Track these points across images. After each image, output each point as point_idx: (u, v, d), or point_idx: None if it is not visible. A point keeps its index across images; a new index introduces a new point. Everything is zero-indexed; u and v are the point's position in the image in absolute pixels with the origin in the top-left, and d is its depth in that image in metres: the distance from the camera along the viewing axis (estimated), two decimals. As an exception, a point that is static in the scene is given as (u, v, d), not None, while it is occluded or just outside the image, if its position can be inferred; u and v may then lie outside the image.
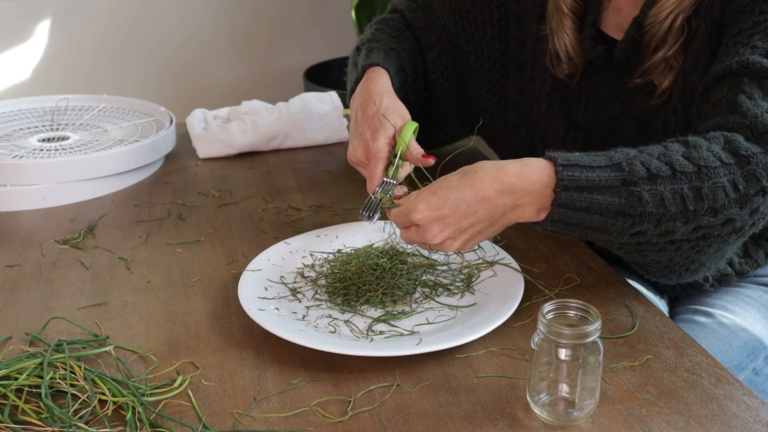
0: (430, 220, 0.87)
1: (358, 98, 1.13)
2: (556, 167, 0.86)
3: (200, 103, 2.24)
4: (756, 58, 0.94)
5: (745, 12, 0.99)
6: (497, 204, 0.87)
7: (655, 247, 0.91)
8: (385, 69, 1.16)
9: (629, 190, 0.86)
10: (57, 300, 1.01)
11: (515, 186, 0.86)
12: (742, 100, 0.92)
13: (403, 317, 0.94)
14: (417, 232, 0.90)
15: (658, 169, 0.86)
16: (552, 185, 0.86)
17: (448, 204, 0.87)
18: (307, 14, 3.03)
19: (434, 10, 1.26)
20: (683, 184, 0.86)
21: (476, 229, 0.89)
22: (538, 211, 0.88)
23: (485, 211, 0.87)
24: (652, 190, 0.85)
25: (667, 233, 0.88)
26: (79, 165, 1.29)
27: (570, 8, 1.12)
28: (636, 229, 0.88)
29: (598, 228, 0.88)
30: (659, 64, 1.06)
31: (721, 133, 0.90)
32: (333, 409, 0.80)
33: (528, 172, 0.87)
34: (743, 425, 0.77)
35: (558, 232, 0.90)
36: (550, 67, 1.17)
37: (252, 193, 1.31)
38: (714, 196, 0.86)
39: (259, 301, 0.95)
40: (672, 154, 0.88)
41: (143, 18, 2.87)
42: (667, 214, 0.86)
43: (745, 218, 0.89)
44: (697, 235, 0.89)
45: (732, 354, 1.09)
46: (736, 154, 0.87)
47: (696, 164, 0.86)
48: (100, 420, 0.78)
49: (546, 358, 0.76)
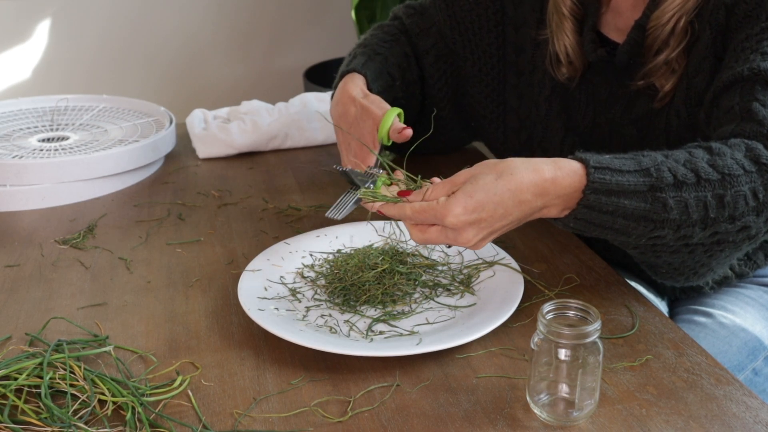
0: (466, 224, 0.84)
1: (336, 108, 1.14)
2: (587, 169, 0.85)
3: (200, 103, 2.24)
4: (767, 65, 0.94)
5: (752, 17, 0.99)
6: (532, 206, 0.86)
7: (669, 249, 0.91)
8: (362, 74, 1.16)
9: (655, 196, 0.85)
10: (57, 300, 1.01)
11: (549, 190, 0.85)
12: (756, 108, 0.92)
13: (403, 317, 0.94)
14: (442, 233, 0.87)
15: (684, 176, 0.85)
16: (582, 188, 0.85)
17: (486, 208, 0.84)
18: (307, 14, 3.03)
19: (431, 16, 1.27)
20: (707, 192, 0.85)
21: (506, 228, 0.88)
22: (562, 210, 0.88)
23: (519, 213, 0.86)
24: (677, 197, 0.85)
25: (684, 237, 0.88)
26: (79, 165, 1.29)
27: (570, 11, 1.12)
28: (656, 234, 0.87)
29: (618, 230, 0.87)
30: (661, 67, 1.06)
31: (741, 141, 0.89)
32: (333, 409, 0.80)
33: (561, 176, 0.85)
34: (743, 425, 0.77)
35: (578, 230, 0.89)
36: (550, 69, 1.17)
37: (252, 193, 1.31)
38: (735, 204, 0.86)
39: (259, 301, 0.95)
40: (697, 161, 0.87)
41: (143, 18, 2.87)
42: (689, 220, 0.86)
43: (761, 226, 0.89)
44: (713, 240, 0.89)
45: (732, 354, 1.09)
46: (757, 162, 0.87)
47: (720, 172, 0.86)
48: (99, 420, 0.78)
49: (546, 358, 0.76)
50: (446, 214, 0.83)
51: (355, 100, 1.10)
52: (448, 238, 0.86)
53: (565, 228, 0.90)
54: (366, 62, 1.18)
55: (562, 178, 0.85)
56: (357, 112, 1.10)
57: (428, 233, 0.87)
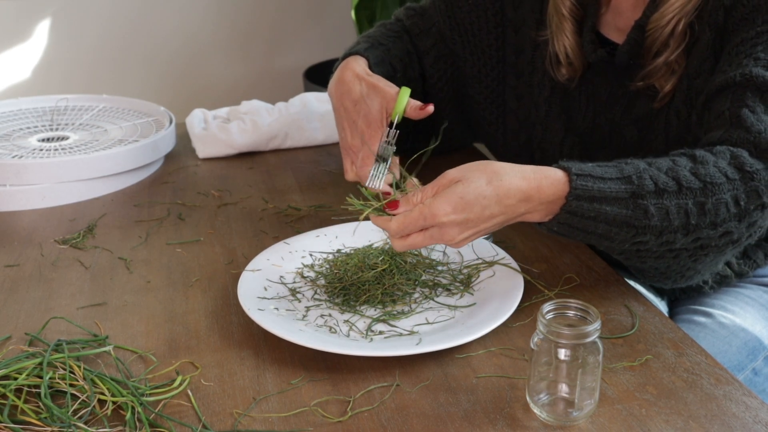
0: (454, 223, 0.87)
1: (338, 86, 1.11)
2: (570, 176, 0.88)
3: (200, 103, 2.23)
4: (759, 71, 0.95)
5: (748, 20, 0.99)
6: (515, 211, 0.88)
7: (654, 254, 0.93)
8: (365, 57, 1.15)
9: (636, 203, 0.87)
10: (57, 300, 1.01)
11: (533, 197, 0.88)
12: (745, 114, 0.93)
13: (403, 317, 0.94)
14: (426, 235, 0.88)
15: (665, 184, 0.88)
16: (564, 195, 0.88)
17: (474, 210, 0.86)
18: (307, 14, 3.03)
19: (430, 17, 1.27)
20: (688, 200, 0.88)
21: (489, 229, 0.90)
22: (545, 215, 0.90)
23: (503, 217, 0.89)
24: (658, 204, 0.87)
25: (667, 243, 0.90)
26: (79, 165, 1.29)
27: (569, 11, 1.12)
28: (638, 239, 0.90)
29: (601, 235, 0.90)
30: (661, 68, 1.06)
31: (727, 148, 0.91)
32: (333, 409, 0.80)
33: (546, 185, 0.88)
34: (743, 425, 0.77)
35: (561, 234, 0.92)
36: (550, 70, 1.17)
37: (252, 193, 1.31)
38: (716, 211, 0.88)
39: (259, 301, 0.95)
40: (679, 169, 0.89)
41: (143, 18, 2.87)
42: (671, 227, 0.88)
43: (743, 231, 0.91)
44: (696, 245, 0.91)
45: (731, 354, 1.09)
46: (740, 170, 0.89)
47: (702, 180, 0.88)
48: (99, 420, 0.78)
49: (546, 358, 0.76)
50: (436, 213, 0.86)
51: (360, 77, 1.09)
52: (432, 237, 0.88)
53: (549, 232, 0.92)
54: (369, 48, 1.18)
55: (547, 187, 0.88)
56: (363, 90, 1.08)
57: (410, 239, 0.89)
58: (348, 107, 1.09)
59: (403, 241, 0.89)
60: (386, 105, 1.06)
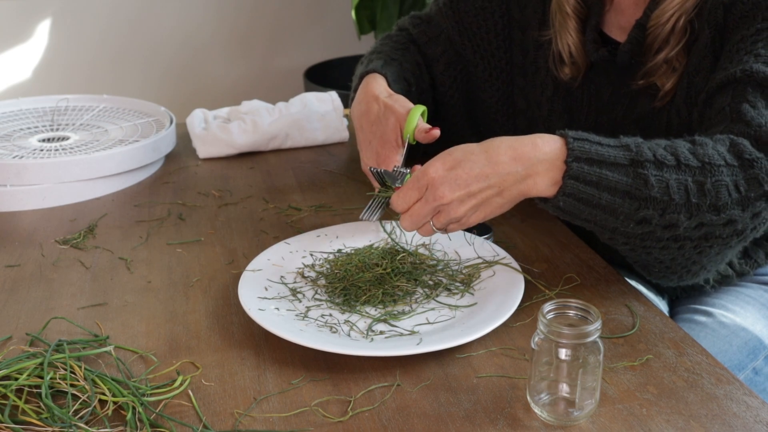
0: (444, 180, 0.88)
1: (358, 106, 1.14)
2: (567, 139, 0.88)
3: (200, 103, 2.24)
4: (759, 66, 0.95)
5: (748, 18, 0.99)
6: (509, 171, 0.88)
7: (659, 244, 0.91)
8: (383, 75, 1.17)
9: (636, 172, 0.87)
10: (57, 300, 1.01)
11: (528, 155, 0.88)
12: (746, 109, 0.93)
13: (403, 317, 0.94)
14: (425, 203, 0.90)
15: (663, 156, 0.88)
16: (563, 157, 0.88)
17: (462, 165, 0.88)
18: (307, 14, 3.04)
19: (438, 24, 1.27)
20: (687, 176, 0.87)
21: (486, 195, 0.90)
22: (550, 185, 0.89)
23: (497, 177, 0.88)
24: (657, 176, 0.87)
25: (670, 226, 0.89)
26: (80, 165, 1.29)
27: (573, 9, 1.12)
28: (641, 214, 0.88)
29: (606, 207, 0.88)
30: (661, 66, 1.06)
31: (727, 136, 0.91)
32: (333, 409, 0.80)
33: (541, 143, 0.89)
34: (743, 425, 0.77)
35: (568, 210, 0.90)
36: (553, 69, 1.17)
37: (252, 193, 1.31)
38: (717, 193, 0.87)
39: (259, 301, 0.95)
40: (678, 147, 0.89)
41: (143, 18, 2.87)
42: (672, 203, 0.87)
43: (747, 221, 0.89)
44: (700, 233, 0.90)
45: (732, 353, 1.09)
46: (740, 157, 0.89)
47: (700, 160, 0.88)
48: (100, 420, 0.78)
49: (546, 357, 0.76)
50: (427, 170, 0.89)
51: (378, 98, 1.11)
52: (428, 202, 0.90)
53: (557, 209, 0.91)
54: (384, 65, 1.19)
55: (542, 144, 0.89)
56: (379, 110, 1.10)
57: (413, 211, 0.91)
58: (365, 128, 1.11)
59: (410, 217, 0.92)
60: (400, 124, 1.07)
